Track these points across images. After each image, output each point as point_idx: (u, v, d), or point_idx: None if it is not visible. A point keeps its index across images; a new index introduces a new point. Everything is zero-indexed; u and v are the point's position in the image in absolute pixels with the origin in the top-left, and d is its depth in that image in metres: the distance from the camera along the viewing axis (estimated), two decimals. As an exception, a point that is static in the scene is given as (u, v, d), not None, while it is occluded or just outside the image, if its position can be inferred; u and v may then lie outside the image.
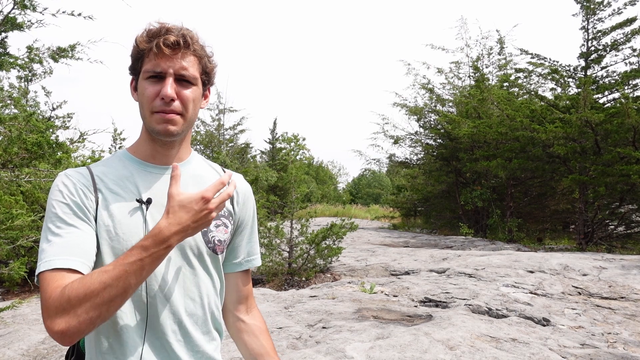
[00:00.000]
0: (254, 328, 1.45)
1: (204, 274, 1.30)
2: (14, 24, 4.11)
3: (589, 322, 4.76)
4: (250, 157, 24.57)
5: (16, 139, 3.97)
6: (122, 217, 1.20)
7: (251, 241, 1.46)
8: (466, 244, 11.83)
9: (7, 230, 4.44)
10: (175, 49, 1.20)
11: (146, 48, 1.21)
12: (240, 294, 1.45)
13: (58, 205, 1.16)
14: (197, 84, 1.26)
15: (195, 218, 1.08)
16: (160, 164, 1.30)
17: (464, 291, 5.76)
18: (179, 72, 1.21)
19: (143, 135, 1.31)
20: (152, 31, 1.22)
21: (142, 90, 1.23)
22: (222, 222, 1.35)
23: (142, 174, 1.28)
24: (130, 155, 1.31)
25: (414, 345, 3.70)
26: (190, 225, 1.08)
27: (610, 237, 11.29)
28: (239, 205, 1.41)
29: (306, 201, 25.46)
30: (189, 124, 1.27)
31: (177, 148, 1.31)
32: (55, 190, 1.19)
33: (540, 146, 11.59)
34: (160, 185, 1.28)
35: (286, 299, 5.68)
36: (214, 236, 1.32)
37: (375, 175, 41.40)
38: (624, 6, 11.37)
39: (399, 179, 23.59)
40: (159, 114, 1.21)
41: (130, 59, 1.27)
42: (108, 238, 1.18)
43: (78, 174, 1.23)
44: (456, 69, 18.42)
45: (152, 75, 1.21)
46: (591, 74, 11.87)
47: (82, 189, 1.19)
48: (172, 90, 1.19)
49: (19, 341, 4.16)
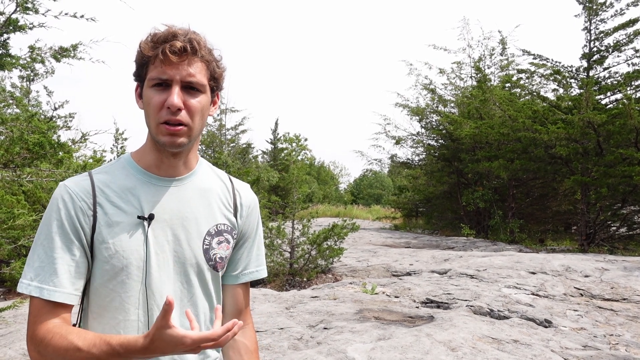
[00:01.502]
0: (241, 346, 1.39)
1: (201, 292, 1.28)
2: (16, 26, 4.11)
3: (591, 324, 4.74)
4: (252, 158, 24.58)
5: (18, 139, 3.97)
6: (123, 234, 1.18)
7: (252, 254, 1.41)
8: (468, 245, 11.81)
9: (8, 229, 4.45)
10: (181, 56, 1.15)
11: (151, 55, 1.16)
12: (235, 308, 1.40)
13: (54, 223, 1.16)
14: (205, 92, 1.21)
15: (176, 353, 1.02)
16: (165, 176, 1.26)
17: (465, 292, 5.74)
18: (185, 80, 1.15)
19: (148, 144, 1.26)
20: (157, 36, 1.16)
21: (147, 99, 1.18)
22: (225, 239, 1.32)
23: (145, 186, 1.23)
24: (135, 164, 1.26)
25: (415, 347, 3.69)
26: (169, 353, 1.02)
27: (613, 239, 11.27)
28: (242, 218, 1.37)
29: (308, 202, 25.44)
30: (196, 135, 1.22)
31: (183, 158, 1.27)
32: (54, 205, 1.18)
33: (542, 147, 11.57)
34: (164, 199, 1.24)
35: (287, 300, 5.67)
36: (216, 254, 1.29)
37: (376, 175, 41.40)
38: (627, 7, 11.35)
39: (400, 180, 23.59)
40: (165, 125, 1.16)
41: (135, 65, 1.22)
42: (107, 255, 1.16)
43: (78, 187, 1.19)
44: (458, 70, 18.42)
45: (158, 83, 1.16)
46: (593, 75, 11.85)
47: (81, 207, 1.17)
48: (178, 99, 1.14)
49: (20, 341, 4.16)
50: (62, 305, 1.12)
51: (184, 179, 1.28)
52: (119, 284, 1.17)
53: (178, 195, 1.26)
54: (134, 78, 1.25)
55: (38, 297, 1.11)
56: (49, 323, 1.10)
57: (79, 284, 1.16)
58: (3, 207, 4.47)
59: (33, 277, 1.12)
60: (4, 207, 4.46)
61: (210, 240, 1.28)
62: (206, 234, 1.28)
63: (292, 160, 25.78)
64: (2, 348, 4.03)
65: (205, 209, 1.29)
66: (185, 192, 1.28)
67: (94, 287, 1.19)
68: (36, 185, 5.79)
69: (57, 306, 1.12)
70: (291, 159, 27.19)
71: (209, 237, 1.28)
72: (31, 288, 1.11)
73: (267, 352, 3.79)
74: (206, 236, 1.27)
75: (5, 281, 6.87)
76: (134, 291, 1.18)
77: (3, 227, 4.32)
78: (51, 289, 1.11)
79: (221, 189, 1.36)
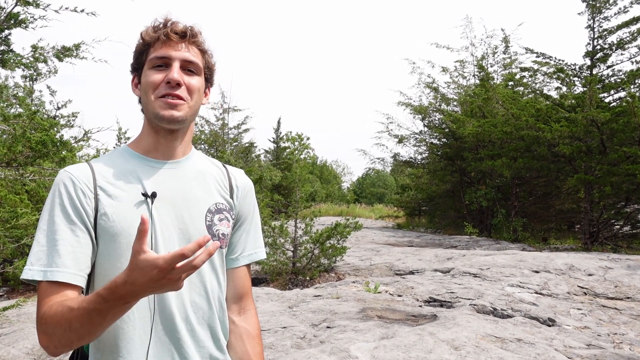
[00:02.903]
0: (242, 331, 1.38)
1: (208, 268, 1.29)
2: (17, 21, 4.11)
3: (594, 323, 4.72)
4: (255, 157, 24.59)
5: (21, 138, 3.97)
6: (127, 212, 1.19)
7: (249, 236, 1.43)
8: (471, 244, 11.79)
9: (11, 228, 4.45)
10: (182, 38, 1.23)
11: (153, 38, 1.23)
12: (235, 292, 1.40)
13: (56, 207, 1.16)
14: (201, 75, 1.28)
15: (151, 284, 0.94)
16: (162, 158, 1.29)
17: (468, 291, 5.73)
18: (185, 59, 1.23)
19: (145, 129, 1.30)
20: (157, 24, 1.25)
21: (146, 78, 1.23)
22: (225, 216, 1.34)
23: (144, 169, 1.26)
24: (132, 151, 1.29)
25: (418, 345, 3.68)
26: (148, 288, 0.95)
27: (616, 237, 11.23)
28: (238, 199, 1.40)
29: (310, 200, 25.42)
30: (193, 113, 1.27)
31: (180, 140, 1.30)
32: (55, 190, 1.18)
33: (545, 145, 11.53)
34: (164, 178, 1.26)
35: (290, 299, 5.67)
36: (218, 230, 1.31)
37: (379, 174, 41.36)
38: (630, 5, 11.29)
39: (403, 179, 23.56)
40: (163, 98, 1.20)
41: (133, 56, 1.28)
42: (113, 233, 1.17)
43: (78, 171, 1.21)
44: (461, 68, 18.35)
45: (158, 65, 1.22)
46: (597, 73, 11.80)
47: (82, 188, 1.18)
48: (179, 75, 1.21)
49: (24, 340, 4.17)
50: (67, 285, 1.10)
51: (181, 162, 1.31)
52: (126, 262, 1.16)
53: (177, 176, 1.29)
54: (130, 70, 1.31)
55: (42, 280, 1.10)
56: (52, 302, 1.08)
57: (84, 264, 1.15)
58: (6, 206, 4.47)
59: (34, 262, 1.12)
60: (6, 206, 4.47)
61: (212, 217, 1.30)
62: (207, 211, 1.30)
63: (294, 159, 25.78)
64: (5, 347, 4.04)
65: (203, 188, 1.32)
66: (183, 173, 1.30)
67: (102, 267, 1.19)
68: (39, 184, 5.79)
69: (62, 286, 1.10)
70: (294, 157, 27.20)
71: (210, 214, 1.30)
72: (33, 272, 1.10)
73: (270, 351, 3.79)
74: (207, 213, 1.30)
75: (9, 280, 6.88)
76: None
77: (6, 226, 4.33)
78: (54, 270, 1.10)
79: (217, 172, 1.39)
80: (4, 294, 6.93)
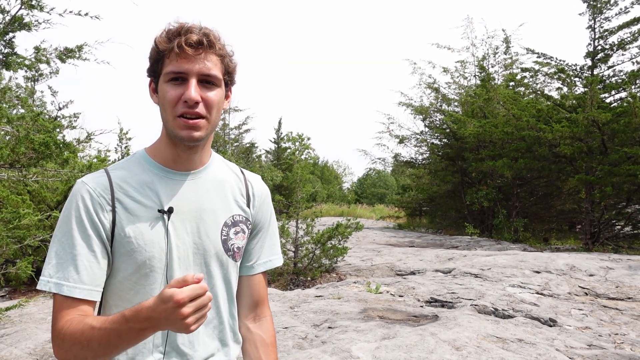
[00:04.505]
0: (257, 338, 1.39)
1: (221, 281, 1.30)
2: (21, 24, 4.13)
3: (595, 323, 4.73)
4: (255, 157, 24.63)
5: (23, 139, 3.99)
6: (144, 228, 1.18)
7: (265, 243, 1.42)
8: (472, 244, 11.80)
9: (14, 229, 4.47)
10: (197, 49, 1.15)
11: (167, 48, 1.16)
12: (251, 299, 1.41)
13: (73, 220, 1.16)
14: (221, 85, 1.21)
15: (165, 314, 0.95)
16: (182, 170, 1.27)
17: (470, 291, 5.74)
18: (202, 73, 1.16)
19: (164, 139, 1.26)
20: (171, 31, 1.17)
21: (163, 93, 1.18)
22: (241, 229, 1.33)
23: (163, 181, 1.24)
24: (150, 159, 1.26)
25: (420, 346, 3.69)
26: (161, 320, 0.96)
27: (617, 238, 11.23)
28: (255, 208, 1.39)
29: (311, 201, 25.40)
30: (212, 128, 1.23)
31: (199, 153, 1.27)
32: (73, 201, 1.18)
33: (546, 146, 11.54)
34: (182, 192, 1.25)
35: (292, 299, 5.68)
36: (234, 244, 1.31)
37: (380, 174, 41.34)
38: (631, 5, 11.30)
39: (404, 179, 23.56)
40: (182, 118, 1.16)
41: (149, 61, 1.23)
42: (130, 249, 1.17)
43: (96, 182, 1.20)
44: (462, 69, 18.35)
45: (174, 78, 1.16)
46: (598, 74, 11.80)
47: (100, 202, 1.17)
48: (196, 93, 1.14)
49: (26, 340, 4.18)
50: (83, 301, 1.13)
51: (200, 172, 1.29)
52: (142, 277, 1.18)
53: (195, 188, 1.27)
54: (147, 74, 1.25)
55: (58, 294, 1.11)
56: (69, 317, 1.10)
57: (100, 279, 1.16)
58: (9, 207, 4.49)
59: (52, 274, 1.12)
60: (9, 207, 4.48)
61: (227, 231, 1.30)
62: (223, 224, 1.29)
63: (295, 160, 25.77)
64: (8, 347, 4.05)
65: (221, 200, 1.31)
66: (202, 184, 1.29)
67: (117, 280, 1.20)
68: (42, 185, 5.81)
69: (78, 302, 1.12)
70: (295, 158, 27.18)
71: (226, 227, 1.30)
72: (50, 285, 1.12)
73: (271, 351, 3.80)
74: (223, 227, 1.29)
75: (11, 280, 6.90)
76: (157, 283, 1.19)
77: (9, 226, 4.34)
78: (71, 285, 1.11)
79: (234, 181, 1.37)
80: (6, 294, 6.95)
